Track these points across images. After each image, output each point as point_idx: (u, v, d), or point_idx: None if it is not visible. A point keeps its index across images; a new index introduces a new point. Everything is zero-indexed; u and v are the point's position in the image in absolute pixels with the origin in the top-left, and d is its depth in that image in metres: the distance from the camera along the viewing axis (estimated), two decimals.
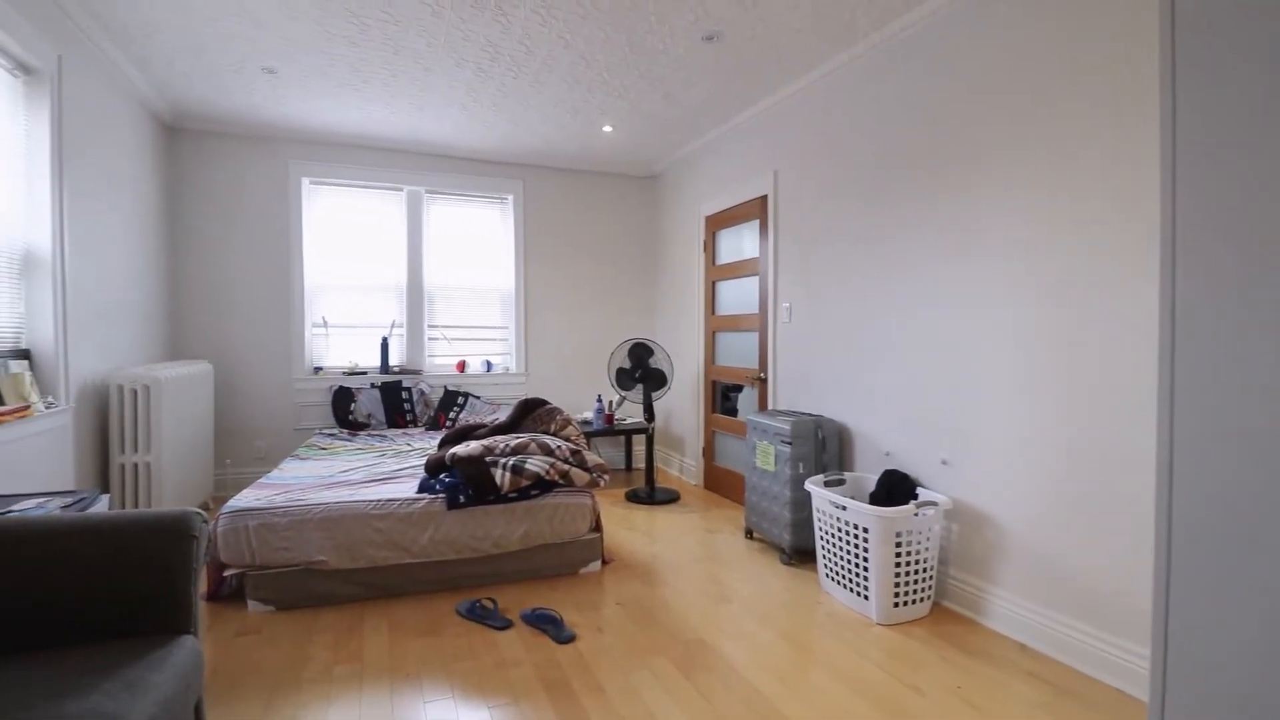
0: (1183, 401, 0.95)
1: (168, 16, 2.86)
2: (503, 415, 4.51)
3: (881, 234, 3.02)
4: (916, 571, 2.57)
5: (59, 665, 1.32)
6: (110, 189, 3.30)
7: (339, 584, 2.63)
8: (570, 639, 2.36)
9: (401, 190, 4.82)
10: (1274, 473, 0.85)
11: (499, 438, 3.06)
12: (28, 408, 2.43)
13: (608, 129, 4.33)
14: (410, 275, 4.83)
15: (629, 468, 5.37)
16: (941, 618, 2.60)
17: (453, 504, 2.75)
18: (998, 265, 2.47)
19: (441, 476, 2.87)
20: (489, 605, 2.60)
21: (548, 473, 2.86)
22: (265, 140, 4.45)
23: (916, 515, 2.54)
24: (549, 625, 2.44)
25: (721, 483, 4.49)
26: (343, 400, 4.44)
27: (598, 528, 3.07)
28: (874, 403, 3.09)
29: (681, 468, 5.08)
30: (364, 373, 4.66)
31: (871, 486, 2.98)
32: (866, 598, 2.59)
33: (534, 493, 2.89)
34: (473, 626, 2.47)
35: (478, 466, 2.82)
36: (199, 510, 1.69)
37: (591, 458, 3.06)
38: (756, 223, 4.02)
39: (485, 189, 5.02)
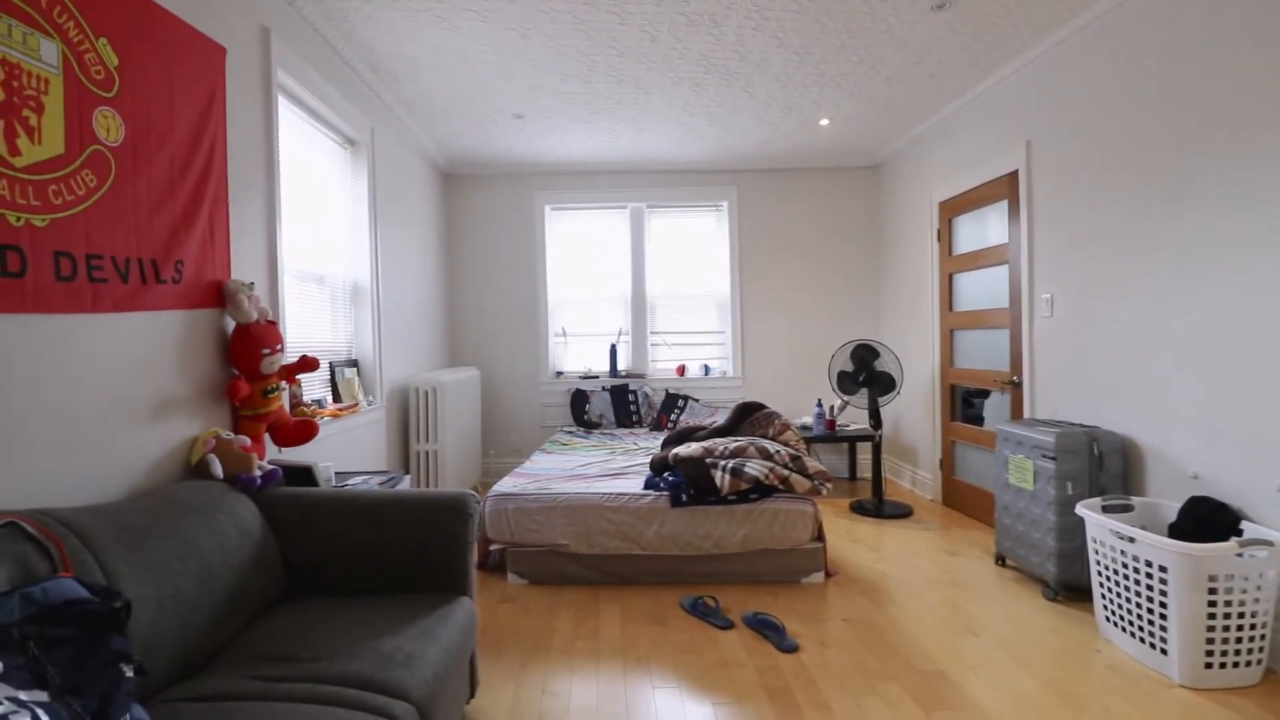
0: None
1: (439, 83, 3.47)
2: (721, 418, 4.60)
3: (1184, 207, 2.43)
4: (1241, 627, 2.01)
5: (379, 611, 1.68)
6: (408, 229, 4.11)
7: (578, 566, 2.92)
8: (793, 649, 2.31)
9: (625, 208, 5.19)
10: None
11: (718, 440, 3.12)
12: (356, 405, 3.14)
13: (824, 122, 4.16)
14: (634, 286, 5.18)
15: (853, 477, 5.07)
16: (1278, 690, 2.00)
17: (676, 502, 2.88)
18: None
19: (665, 475, 3.03)
20: (711, 604, 2.67)
21: (766, 477, 2.84)
22: (516, 177, 5.15)
23: (1240, 556, 1.99)
24: (770, 631, 2.41)
25: (963, 499, 4.01)
26: (579, 401, 4.92)
27: (820, 537, 2.96)
28: (1174, 411, 2.50)
29: (914, 480, 4.65)
30: (596, 377, 5.11)
31: (1172, 516, 2.41)
32: (1165, 652, 2.10)
33: (753, 496, 2.89)
34: (696, 622, 2.55)
35: (699, 467, 2.91)
36: (472, 492, 2.01)
37: (812, 464, 2.96)
38: (1004, 204, 3.52)
39: (700, 198, 5.17)
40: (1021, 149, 3.31)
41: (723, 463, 2.91)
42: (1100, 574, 2.38)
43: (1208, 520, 2.26)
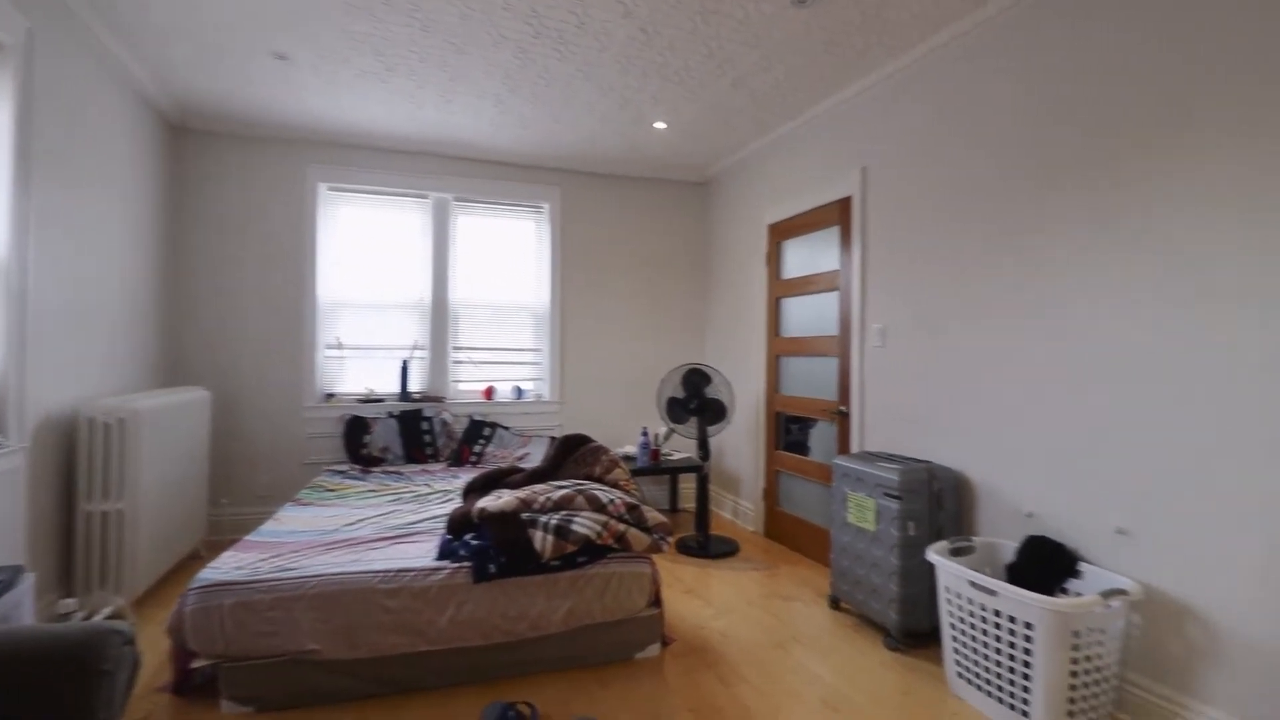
0: None
1: None
2: (535, 450, 3.95)
3: (1026, 239, 2.41)
4: (1096, 682, 1.92)
5: None
6: (95, 189, 2.85)
7: (336, 678, 2.06)
8: None
9: (427, 198, 4.35)
10: None
11: (538, 487, 2.49)
12: None
13: (660, 125, 3.81)
14: (434, 292, 4.33)
15: (674, 508, 4.75)
16: None
17: (481, 575, 2.17)
18: (1230, 277, 1.85)
19: (467, 538, 2.30)
20: (525, 711, 2.00)
21: (600, 536, 2.27)
22: (281, 142, 4.02)
23: (1108, 609, 1.89)
24: None
25: (787, 532, 3.85)
26: (356, 431, 3.92)
27: (657, 601, 2.46)
28: (1008, 448, 2.46)
29: (735, 510, 4.45)
30: (380, 400, 4.14)
31: (1009, 557, 2.34)
32: (1025, 714, 1.93)
33: (581, 560, 2.31)
34: None
35: (512, 527, 2.24)
36: (118, 624, 1.13)
37: (651, 514, 2.46)
38: (835, 230, 3.44)
39: (519, 197, 4.52)
40: (857, 175, 3.23)
41: (544, 519, 2.28)
42: (954, 626, 2.20)
43: (1049, 562, 2.19)
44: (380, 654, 2.07)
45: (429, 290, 4.33)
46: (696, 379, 3.81)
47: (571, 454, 2.89)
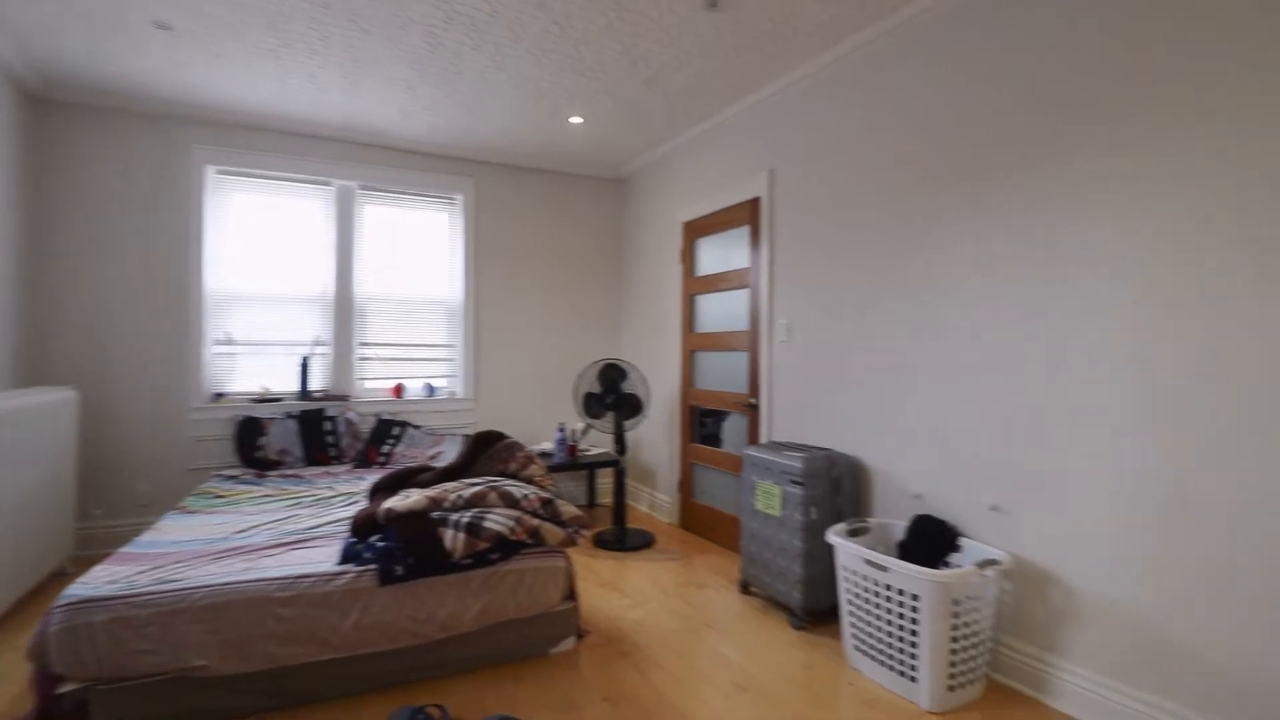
0: None
1: None
2: (448, 449, 3.85)
3: (917, 241, 2.59)
4: (973, 645, 2.11)
5: None
6: None
7: (226, 695, 1.93)
8: None
9: (330, 185, 4.12)
10: None
11: (448, 485, 2.43)
12: None
13: (576, 120, 3.80)
14: (339, 285, 4.12)
15: (592, 503, 4.76)
16: (999, 698, 2.14)
17: (387, 577, 2.10)
18: (1085, 279, 2.07)
19: (372, 540, 2.22)
20: (435, 714, 1.96)
21: (513, 531, 2.25)
22: (162, 120, 3.68)
23: (984, 578, 2.07)
24: None
25: (702, 522, 3.96)
26: (249, 433, 3.66)
27: (572, 595, 2.47)
28: (900, 435, 2.65)
29: (652, 503, 4.52)
30: (278, 399, 3.90)
31: (899, 535, 2.52)
32: (914, 679, 2.10)
33: (494, 557, 2.28)
34: None
35: (421, 525, 2.18)
36: None
37: (566, 508, 2.47)
38: (746, 230, 3.56)
39: (430, 187, 4.38)
40: (765, 177, 3.37)
41: (455, 516, 2.23)
42: (851, 602, 2.35)
43: (934, 539, 2.39)
44: (277, 665, 1.95)
45: (332, 283, 4.11)
46: (613, 374, 3.84)
47: (485, 451, 2.84)
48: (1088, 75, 2.01)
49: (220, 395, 3.84)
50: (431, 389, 4.37)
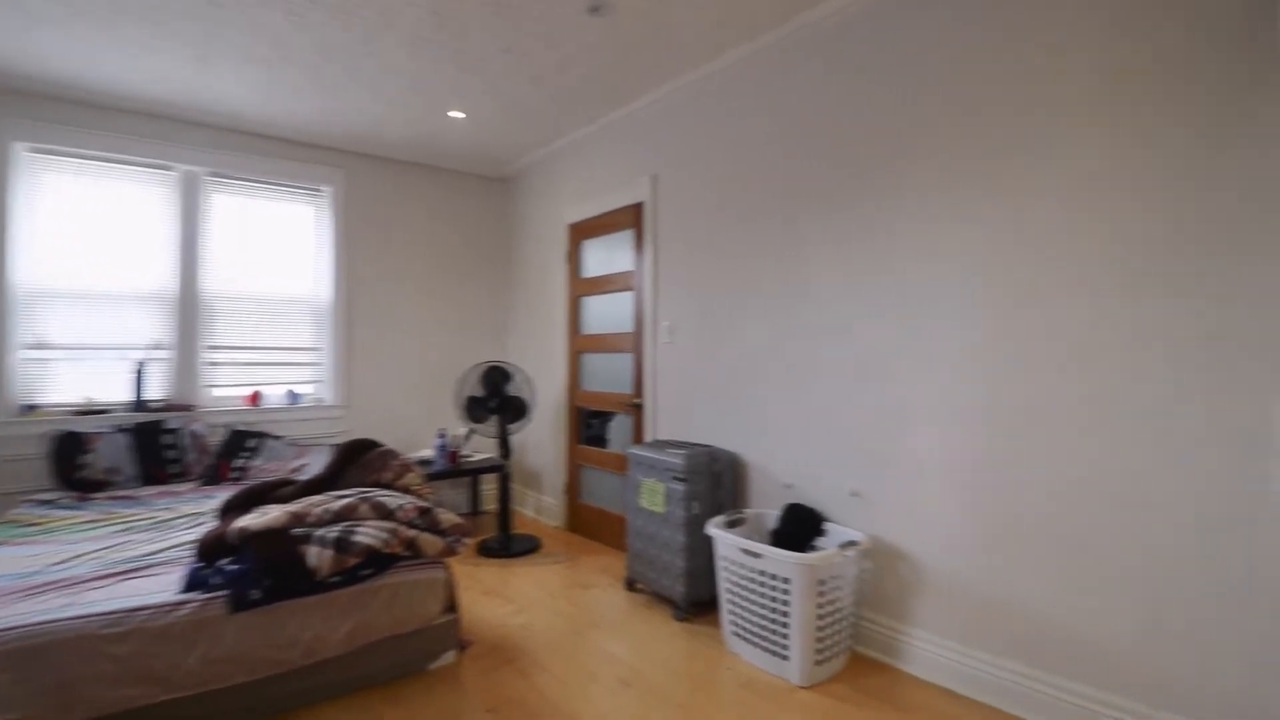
0: None
1: None
2: (313, 461, 3.57)
3: (787, 249, 2.77)
4: (837, 621, 2.28)
5: None
6: None
7: None
8: None
9: (171, 171, 3.69)
10: None
11: (313, 499, 2.26)
12: None
13: (458, 115, 3.67)
14: (183, 281, 3.70)
15: (475, 511, 4.62)
16: (860, 668, 2.33)
17: (241, 603, 1.91)
18: (924, 287, 2.30)
19: (222, 564, 2.01)
20: None
21: (388, 544, 2.13)
22: None
23: (845, 558, 2.25)
24: None
25: (589, 523, 3.97)
26: (69, 450, 3.18)
27: (454, 606, 2.39)
28: (774, 430, 2.81)
29: (539, 507, 4.47)
30: (105, 411, 3.42)
31: (773, 524, 2.68)
32: (786, 658, 2.24)
33: (366, 572, 2.15)
34: None
35: (281, 544, 2.01)
36: None
37: (446, 516, 2.38)
38: (630, 233, 3.63)
39: (293, 176, 4.05)
40: (647, 182, 3.45)
41: (321, 532, 2.08)
42: (729, 590, 2.46)
43: (804, 524, 2.56)
44: (109, 712, 1.72)
45: (175, 279, 3.68)
46: (497, 377, 3.75)
47: (356, 461, 2.67)
48: (927, 100, 2.25)
49: (32, 407, 3.31)
50: (295, 396, 4.04)
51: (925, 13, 2.25)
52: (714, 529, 2.51)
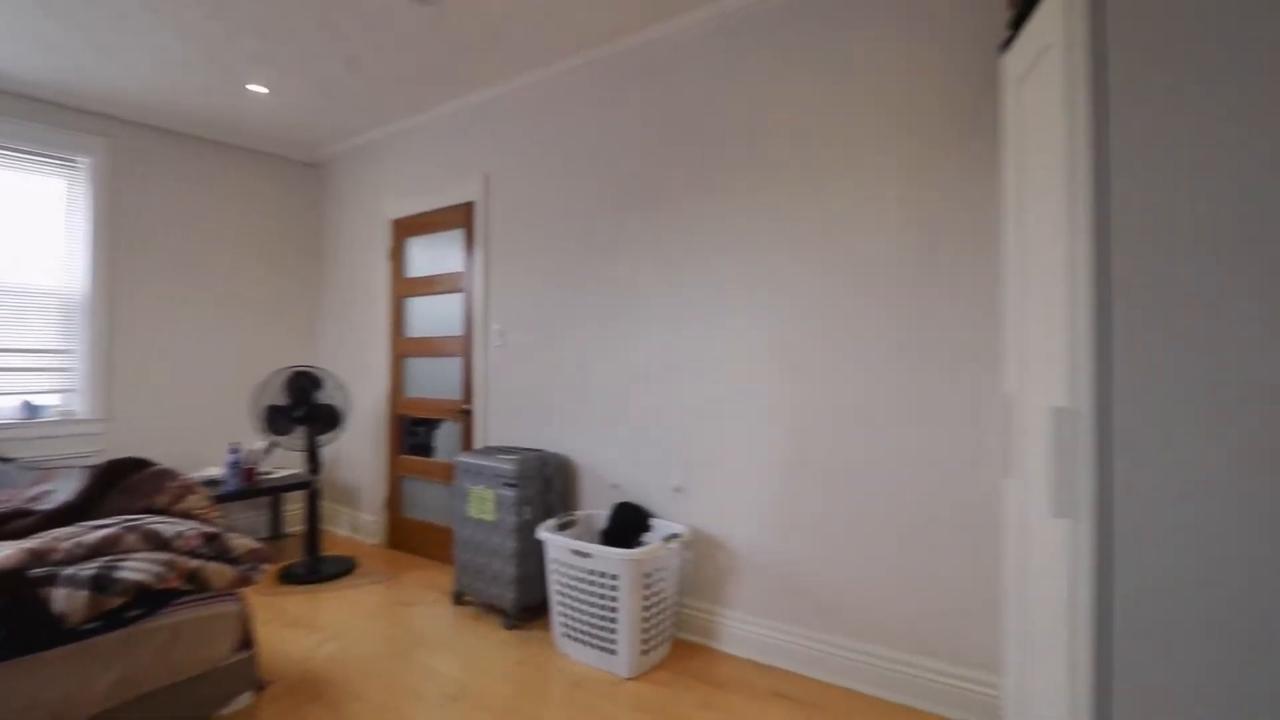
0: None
1: None
2: (60, 487, 2.96)
3: (612, 254, 2.87)
4: (661, 611, 2.41)
5: None
6: None
7: None
8: None
9: None
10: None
11: (59, 532, 1.88)
12: None
13: (259, 89, 3.28)
14: None
15: (279, 533, 4.14)
16: (682, 653, 2.49)
17: None
18: (738, 292, 2.52)
19: None
20: None
21: (162, 578, 1.84)
22: None
23: (669, 550, 2.38)
24: None
25: (414, 538, 3.75)
26: None
27: (249, 642, 2.12)
28: (602, 431, 2.90)
29: (355, 525, 4.13)
30: None
31: (603, 523, 2.75)
32: (614, 652, 2.31)
33: (135, 613, 1.83)
34: None
35: (16, 587, 1.64)
36: None
37: (239, 541, 2.11)
38: (460, 233, 3.51)
39: (38, 143, 3.31)
40: (479, 181, 3.37)
41: (72, 570, 1.73)
42: (560, 592, 2.49)
43: (630, 522, 2.67)
44: None
45: None
46: (304, 383, 3.40)
47: (118, 485, 2.26)
48: (725, 129, 2.49)
49: None
50: (33, 408, 3.30)
51: (708, 56, 2.48)
52: (545, 533, 2.52)
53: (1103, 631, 0.96)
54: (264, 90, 3.30)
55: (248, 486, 3.55)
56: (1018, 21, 1.51)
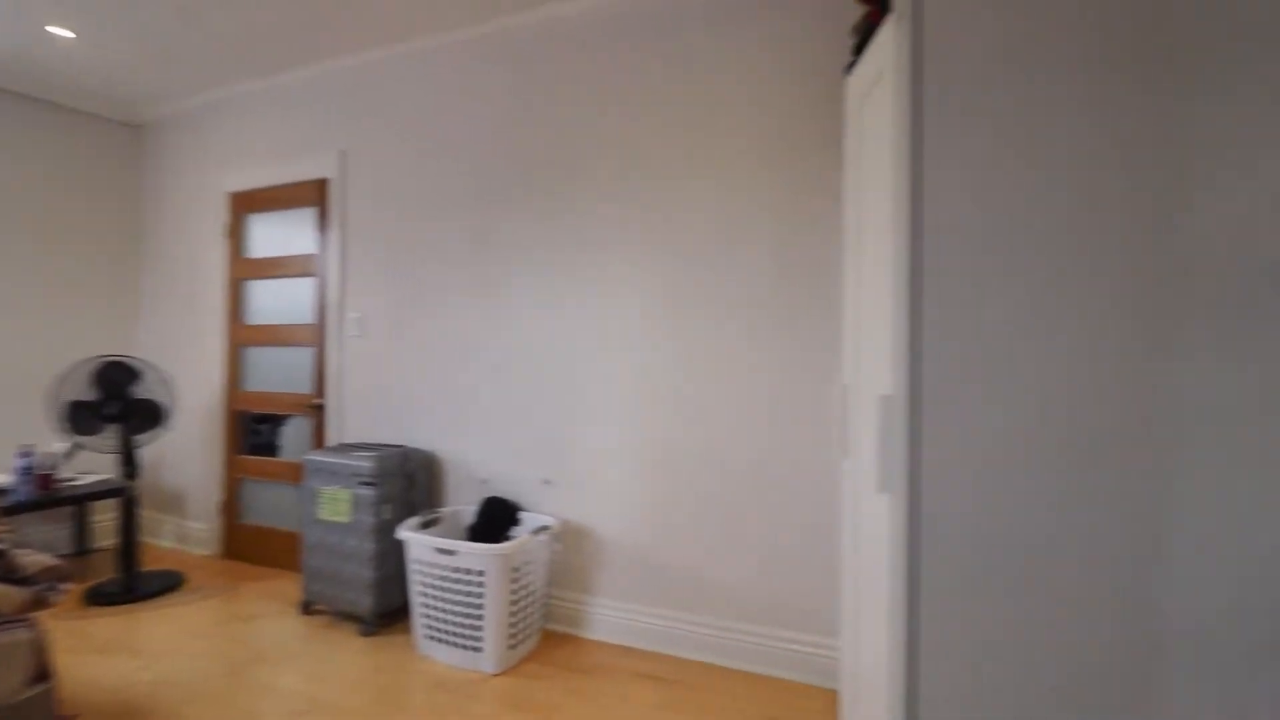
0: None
1: None
2: None
3: (487, 242, 2.78)
4: (529, 605, 2.40)
5: None
6: None
7: None
8: None
9: None
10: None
11: None
12: None
13: (62, 32, 2.79)
14: None
15: (86, 548, 3.58)
16: (550, 644, 2.49)
17: None
18: (608, 284, 2.55)
19: None
20: None
21: None
22: None
23: (538, 543, 2.37)
24: None
25: (254, 546, 3.41)
26: None
27: (46, 674, 1.82)
28: (473, 426, 2.81)
29: (182, 535, 3.67)
30: None
31: (470, 519, 2.68)
32: (480, 649, 2.27)
33: None
34: None
35: None
36: None
37: (31, 559, 1.80)
38: (313, 211, 3.23)
39: None
40: (335, 157, 3.11)
41: None
42: (423, 593, 2.39)
43: (498, 517, 2.62)
44: None
45: None
46: (118, 375, 2.97)
47: None
48: (593, 121, 2.52)
49: None
50: None
51: (575, 49, 2.51)
52: (406, 532, 2.41)
53: (912, 592, 1.10)
54: (69, 34, 2.82)
55: (44, 495, 3.04)
56: (859, 48, 1.68)
